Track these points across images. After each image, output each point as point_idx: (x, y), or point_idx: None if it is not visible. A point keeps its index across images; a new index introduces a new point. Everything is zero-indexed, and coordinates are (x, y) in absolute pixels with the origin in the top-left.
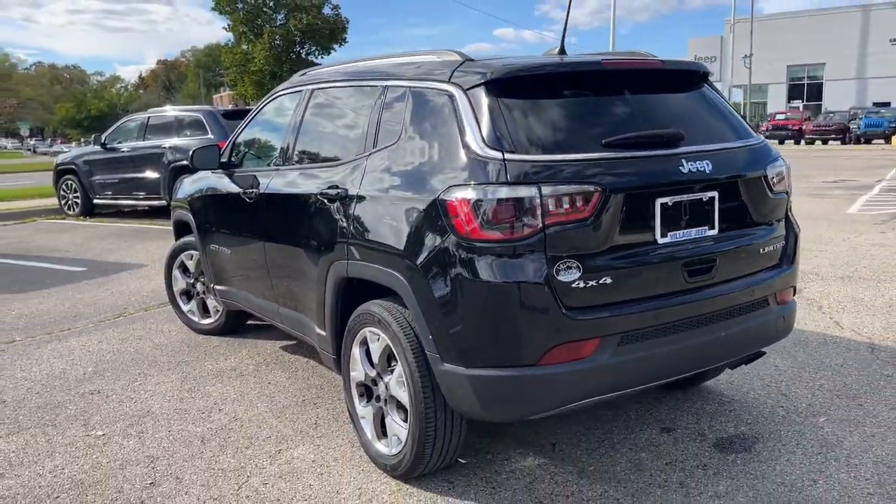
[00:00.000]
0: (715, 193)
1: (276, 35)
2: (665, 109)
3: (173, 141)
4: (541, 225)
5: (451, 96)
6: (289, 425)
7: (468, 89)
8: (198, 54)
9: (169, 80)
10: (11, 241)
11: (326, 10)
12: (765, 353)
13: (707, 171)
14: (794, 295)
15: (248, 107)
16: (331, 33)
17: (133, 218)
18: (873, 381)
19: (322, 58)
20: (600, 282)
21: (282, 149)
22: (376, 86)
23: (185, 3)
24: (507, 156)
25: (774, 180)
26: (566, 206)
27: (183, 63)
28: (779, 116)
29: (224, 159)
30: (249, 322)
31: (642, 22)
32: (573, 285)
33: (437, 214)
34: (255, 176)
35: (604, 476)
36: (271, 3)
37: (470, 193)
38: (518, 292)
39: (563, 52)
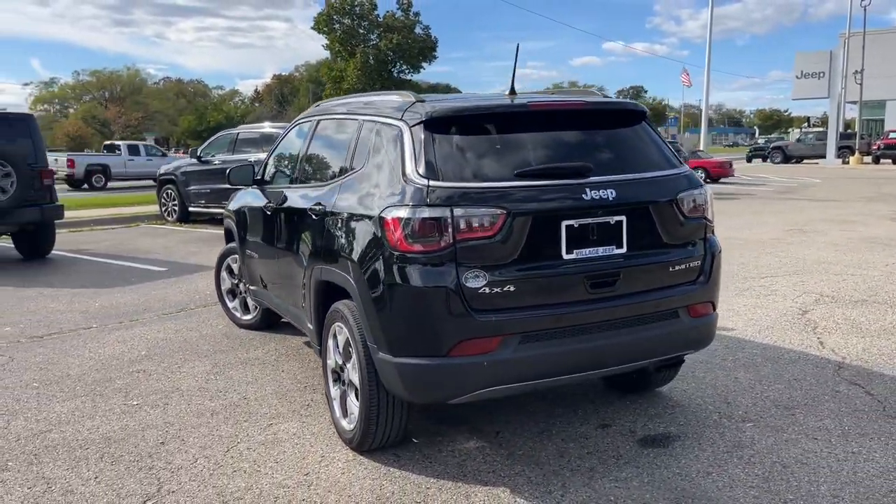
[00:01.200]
0: (623, 217)
1: (368, 54)
2: (585, 144)
3: (260, 155)
4: (452, 240)
5: (400, 131)
6: (286, 405)
7: (412, 126)
8: (310, 69)
9: (282, 93)
10: (115, 243)
11: (417, 30)
12: (683, 360)
13: (610, 199)
14: (713, 309)
15: None
16: (419, 52)
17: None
18: (819, 395)
19: (412, 75)
20: (504, 289)
21: (294, 169)
22: (356, 119)
23: (302, 19)
24: (433, 182)
25: (687, 207)
26: (474, 225)
27: (296, 77)
28: (892, 135)
29: (258, 176)
30: (284, 320)
31: (761, 34)
32: (479, 291)
33: (377, 229)
34: (276, 192)
35: (527, 459)
36: (365, 24)
37: (400, 213)
38: (432, 295)
39: (513, 92)
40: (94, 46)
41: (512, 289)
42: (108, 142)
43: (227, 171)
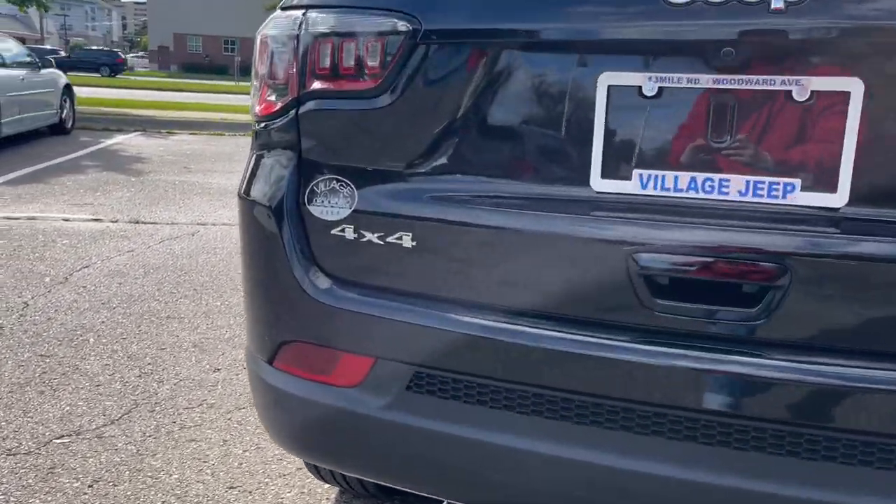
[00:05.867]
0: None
1: None
2: None
3: None
4: (296, 90)
5: None
6: None
7: None
8: None
9: None
10: None
11: None
12: None
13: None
14: None
15: None
16: None
17: None
18: None
19: None
20: (393, 239)
21: None
22: None
23: None
24: None
25: None
26: (340, 52)
27: None
28: None
29: None
30: None
31: None
32: (336, 232)
33: None
34: None
35: None
36: None
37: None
38: (258, 220)
39: None
40: None
41: (413, 244)
42: None
43: None
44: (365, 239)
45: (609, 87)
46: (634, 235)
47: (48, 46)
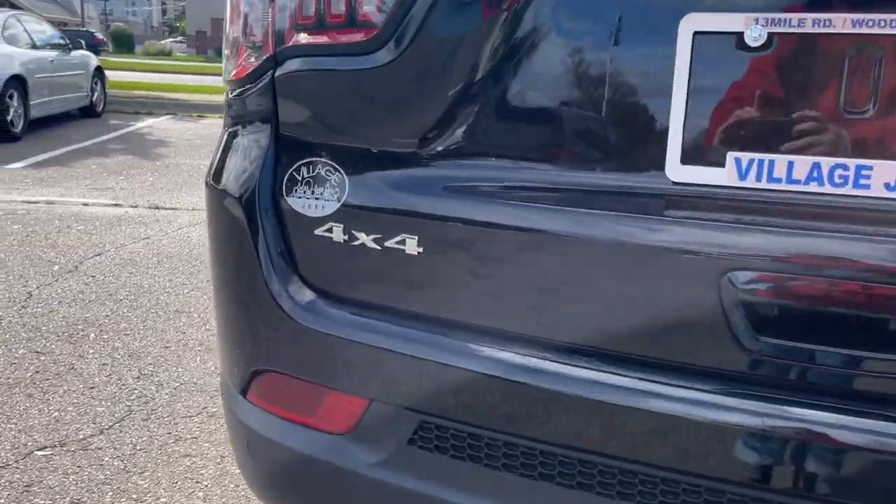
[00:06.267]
0: None
1: None
2: None
3: None
4: (272, 45)
5: None
6: None
7: None
8: None
9: None
10: None
11: None
12: None
13: None
14: None
15: None
16: None
17: None
18: None
19: None
20: (393, 243)
21: None
22: None
23: None
24: None
25: None
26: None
27: None
28: None
29: None
30: None
31: None
32: (321, 231)
33: None
34: None
35: None
36: None
37: None
38: (217, 214)
39: None
40: None
41: (419, 249)
42: None
43: None
44: (357, 242)
45: (695, 34)
46: (730, 246)
47: (90, 30)
